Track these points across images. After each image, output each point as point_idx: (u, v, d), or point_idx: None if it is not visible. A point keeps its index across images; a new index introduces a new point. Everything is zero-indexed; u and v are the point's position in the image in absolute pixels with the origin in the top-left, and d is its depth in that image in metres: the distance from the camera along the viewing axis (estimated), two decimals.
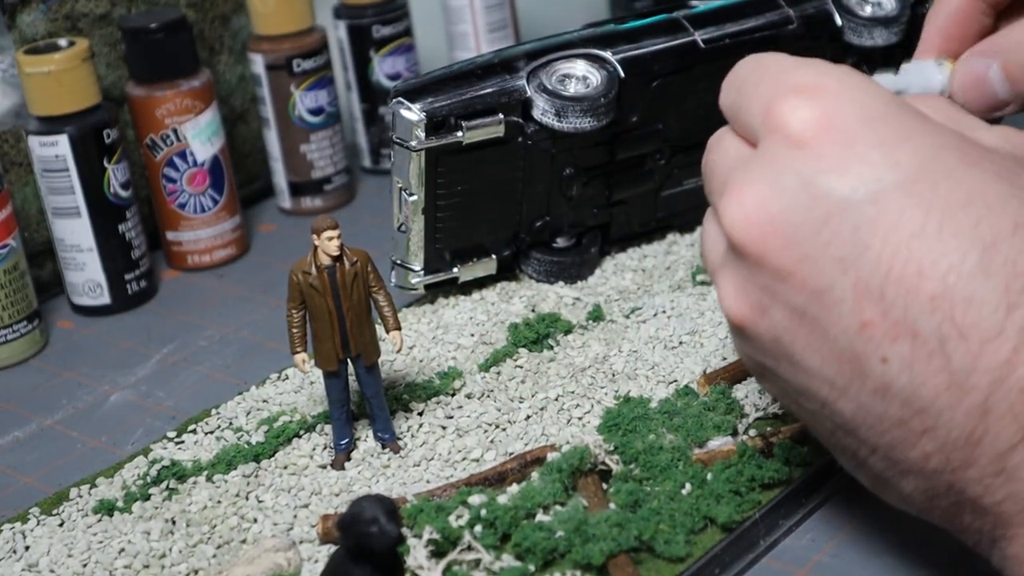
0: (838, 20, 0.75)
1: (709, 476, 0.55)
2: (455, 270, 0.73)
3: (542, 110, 0.70)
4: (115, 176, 0.79)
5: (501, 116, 0.69)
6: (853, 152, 0.42)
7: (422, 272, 0.73)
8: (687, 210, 0.77)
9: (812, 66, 0.45)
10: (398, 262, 0.73)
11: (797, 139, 0.43)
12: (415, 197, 0.70)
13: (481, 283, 0.75)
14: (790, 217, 0.43)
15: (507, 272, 0.75)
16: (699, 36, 0.73)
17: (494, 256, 0.74)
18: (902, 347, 0.41)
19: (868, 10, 0.76)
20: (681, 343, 0.67)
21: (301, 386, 0.67)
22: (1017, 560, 0.42)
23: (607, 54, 0.72)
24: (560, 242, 0.75)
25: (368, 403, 0.61)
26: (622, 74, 0.71)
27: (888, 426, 0.43)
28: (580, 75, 0.71)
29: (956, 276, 0.40)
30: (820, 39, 0.75)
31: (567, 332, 0.69)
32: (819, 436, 0.48)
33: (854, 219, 0.42)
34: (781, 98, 0.44)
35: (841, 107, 0.43)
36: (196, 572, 0.55)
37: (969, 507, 0.43)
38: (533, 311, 0.71)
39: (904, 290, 0.41)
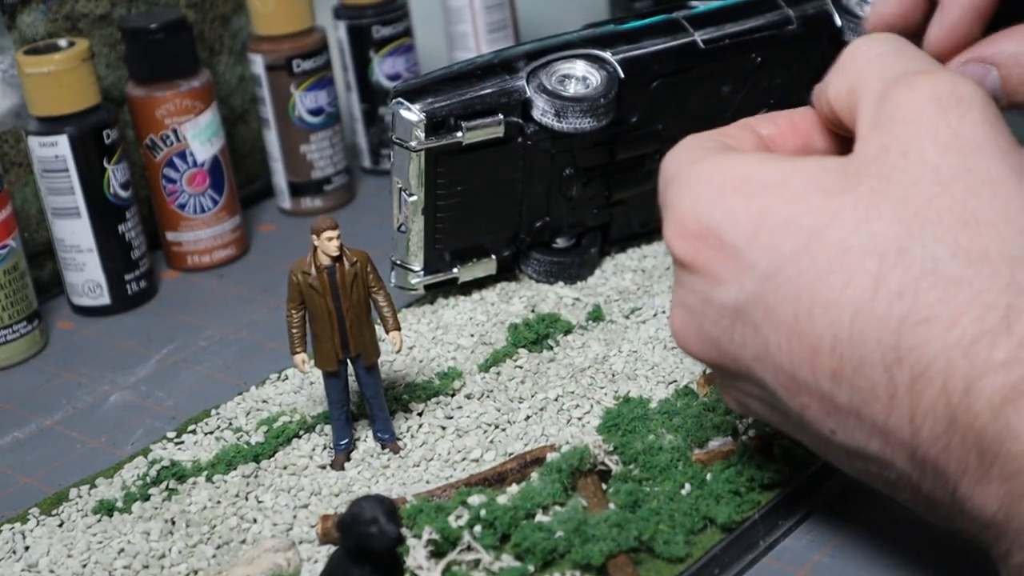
0: (838, 20, 0.75)
1: (709, 476, 0.56)
2: (455, 270, 0.73)
3: (542, 110, 0.70)
4: (115, 176, 0.79)
5: (501, 117, 0.69)
6: (726, 264, 0.46)
7: (422, 272, 0.73)
8: None
9: (684, 184, 0.47)
10: (398, 262, 0.73)
11: (686, 265, 0.47)
12: (415, 197, 0.70)
13: (481, 284, 0.75)
14: (708, 331, 0.47)
15: (507, 272, 0.75)
16: (699, 36, 0.73)
17: (494, 256, 0.74)
18: (837, 420, 0.44)
19: (868, 11, 0.76)
20: None
21: (301, 386, 0.67)
22: (1016, 570, 0.42)
23: (607, 54, 0.72)
24: (560, 242, 0.75)
25: (368, 403, 0.61)
26: (622, 74, 0.71)
27: (873, 475, 0.45)
28: (580, 75, 0.71)
29: (840, 348, 0.43)
30: (819, 40, 0.75)
31: (567, 332, 0.69)
32: None
33: (748, 320, 0.45)
34: (667, 225, 0.48)
35: (709, 226, 0.46)
36: (196, 572, 0.55)
37: (973, 522, 0.43)
38: (533, 311, 0.71)
39: (810, 372, 0.44)
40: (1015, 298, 0.40)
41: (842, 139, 0.51)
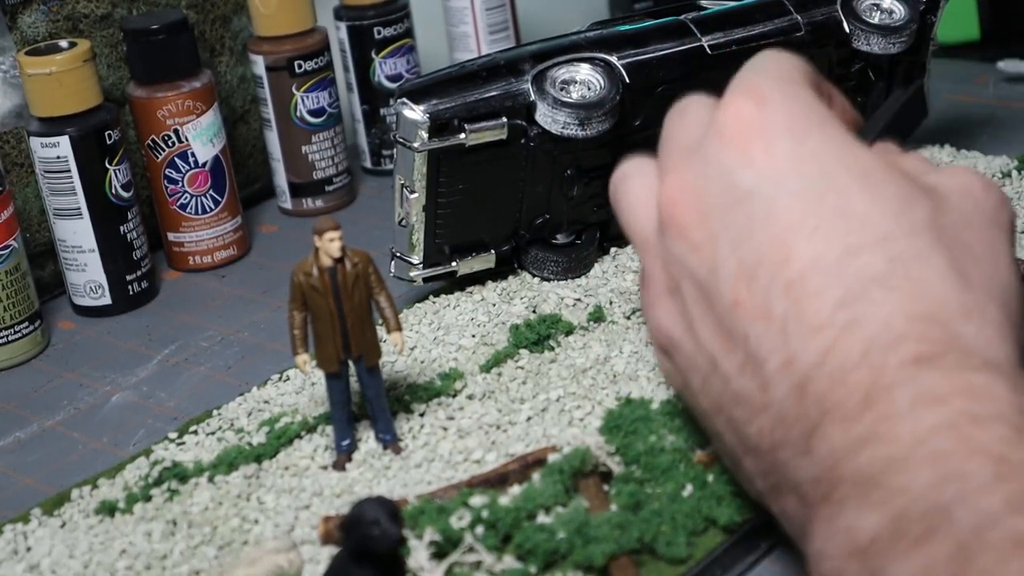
0: (846, 27, 0.75)
1: (710, 477, 0.56)
2: (454, 264, 0.74)
3: (544, 115, 0.70)
4: (116, 177, 0.79)
5: (504, 120, 0.70)
6: (769, 155, 0.48)
7: (421, 265, 0.73)
8: None
9: (766, 77, 0.50)
10: (397, 254, 0.73)
11: (730, 137, 0.48)
12: (416, 195, 0.70)
13: (482, 284, 0.75)
14: (709, 199, 0.48)
15: (506, 267, 0.75)
16: (706, 42, 0.73)
17: (493, 251, 0.74)
18: (759, 326, 0.46)
19: (877, 17, 0.76)
20: None
21: (302, 387, 0.67)
22: (815, 558, 0.44)
23: (613, 59, 0.72)
24: (559, 238, 0.75)
25: (369, 404, 0.61)
26: (627, 79, 0.71)
27: (741, 400, 0.47)
28: (584, 80, 0.71)
29: (813, 269, 0.45)
30: (828, 46, 0.75)
31: (568, 333, 0.69)
32: (699, 417, 0.52)
33: (751, 209, 0.47)
34: (733, 98, 0.49)
35: (775, 116, 0.48)
36: (198, 573, 0.55)
37: (787, 488, 0.46)
38: (534, 312, 0.71)
39: (769, 275, 0.46)
40: (971, 309, 0.44)
41: None
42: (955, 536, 0.39)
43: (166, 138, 0.82)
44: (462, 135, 0.69)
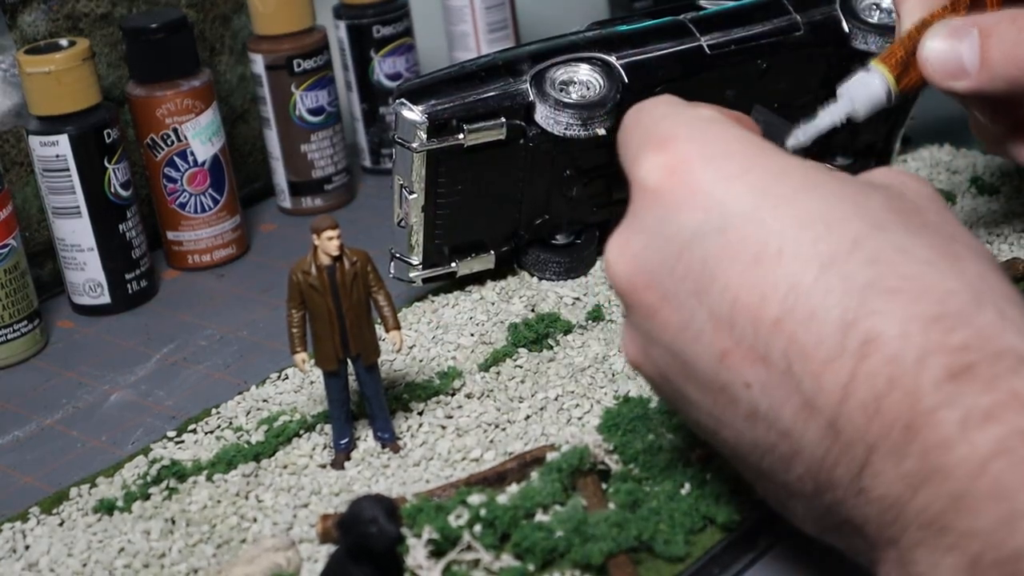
0: (845, 27, 0.75)
1: (709, 476, 0.56)
2: (453, 265, 0.74)
3: (543, 116, 0.70)
4: (115, 176, 0.79)
5: (503, 120, 0.70)
6: (699, 191, 0.45)
7: (420, 266, 0.73)
8: None
9: (673, 117, 0.47)
10: (397, 255, 0.73)
11: (652, 189, 0.46)
12: (415, 195, 0.70)
13: (481, 283, 0.75)
14: (650, 257, 0.46)
15: (506, 267, 0.75)
16: (705, 42, 0.73)
17: (492, 252, 0.74)
18: (759, 372, 0.43)
19: (877, 17, 0.76)
20: None
21: (301, 386, 0.67)
22: None
23: (612, 59, 0.72)
24: (559, 239, 0.75)
25: (368, 403, 0.61)
26: (626, 79, 0.71)
27: (763, 451, 0.44)
28: (583, 80, 0.71)
29: (795, 297, 0.42)
30: (827, 46, 0.75)
31: (567, 332, 0.69)
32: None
33: (702, 252, 0.44)
34: (640, 154, 0.47)
35: (688, 152, 0.46)
36: (196, 571, 0.55)
37: (848, 529, 0.43)
38: (533, 311, 0.71)
39: (750, 317, 0.42)
40: (978, 290, 0.41)
41: None
42: None
43: (165, 137, 0.82)
44: (461, 135, 0.69)
